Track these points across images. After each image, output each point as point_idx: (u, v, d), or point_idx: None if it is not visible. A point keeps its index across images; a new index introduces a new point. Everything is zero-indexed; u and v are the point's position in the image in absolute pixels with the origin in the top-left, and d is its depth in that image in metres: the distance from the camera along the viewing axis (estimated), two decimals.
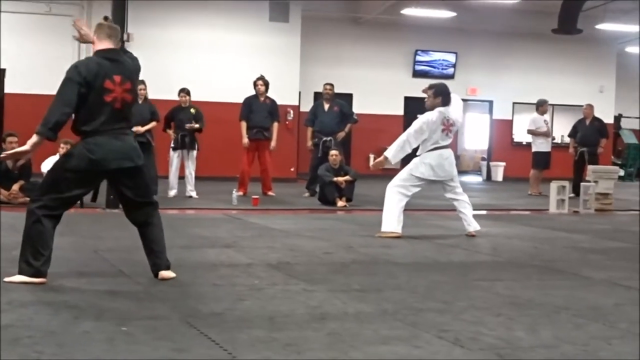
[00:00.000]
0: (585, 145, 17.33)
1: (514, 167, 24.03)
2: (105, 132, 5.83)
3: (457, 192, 9.64)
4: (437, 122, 9.30)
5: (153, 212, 6.19)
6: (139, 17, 19.44)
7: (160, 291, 5.61)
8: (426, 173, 9.40)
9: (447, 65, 24.54)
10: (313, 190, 14.65)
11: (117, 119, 5.89)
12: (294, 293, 5.70)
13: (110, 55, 5.97)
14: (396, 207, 9.32)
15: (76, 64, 5.92)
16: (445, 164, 9.49)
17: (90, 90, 5.76)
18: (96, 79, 5.77)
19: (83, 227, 9.50)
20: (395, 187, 9.42)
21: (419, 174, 9.42)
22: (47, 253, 5.79)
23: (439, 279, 6.49)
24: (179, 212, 12.01)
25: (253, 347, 4.18)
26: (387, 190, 9.50)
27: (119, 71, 5.92)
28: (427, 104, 9.55)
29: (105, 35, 6.05)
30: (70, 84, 5.76)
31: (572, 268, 7.33)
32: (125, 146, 5.96)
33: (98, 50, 5.98)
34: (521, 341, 4.49)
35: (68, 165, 5.89)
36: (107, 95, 5.81)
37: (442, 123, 9.35)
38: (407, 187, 9.41)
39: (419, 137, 9.37)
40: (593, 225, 11.58)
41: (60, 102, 5.76)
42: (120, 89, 5.88)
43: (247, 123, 14.63)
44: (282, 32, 20.79)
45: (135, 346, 4.12)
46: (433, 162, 9.40)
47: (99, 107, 5.81)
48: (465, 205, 9.66)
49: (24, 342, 4.10)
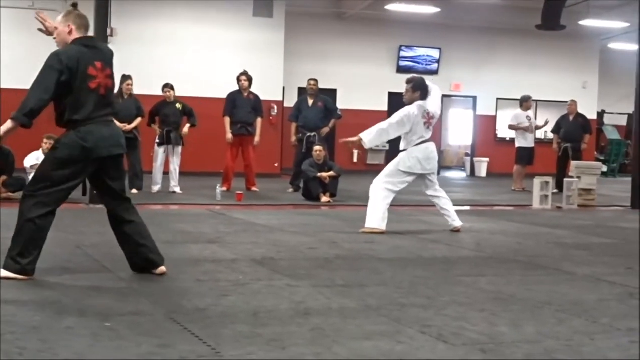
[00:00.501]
0: (568, 141, 17.39)
1: (498, 162, 24.11)
2: (95, 120, 5.80)
3: (437, 189, 9.66)
4: (418, 115, 9.30)
5: (133, 208, 6.16)
6: (123, 11, 19.39)
7: (143, 287, 5.60)
8: (414, 167, 9.39)
9: (431, 61, 24.58)
10: (297, 185, 14.65)
11: (103, 105, 5.86)
12: (278, 288, 5.70)
13: (89, 43, 5.96)
14: (382, 203, 9.32)
15: (57, 52, 5.87)
16: (432, 157, 9.51)
17: (74, 78, 5.72)
18: (79, 66, 5.73)
19: (66, 222, 9.44)
20: (383, 183, 9.40)
21: (407, 168, 9.40)
22: (35, 252, 5.74)
23: (422, 275, 6.50)
24: (163, 207, 11.99)
25: (237, 342, 4.18)
26: (373, 187, 9.45)
27: (98, 57, 5.90)
28: (405, 99, 9.52)
29: (80, 24, 6.00)
30: (50, 71, 5.71)
31: (555, 264, 7.35)
32: (114, 133, 5.96)
33: (76, 39, 5.94)
34: (504, 336, 4.50)
35: (60, 155, 5.80)
36: (91, 82, 5.78)
37: (423, 116, 9.35)
38: (395, 184, 9.41)
39: (399, 129, 9.37)
40: (576, 221, 11.62)
41: (37, 89, 5.72)
42: (103, 75, 5.86)
43: (231, 118, 14.62)
44: (266, 28, 20.79)
45: (119, 342, 4.11)
46: (420, 156, 9.41)
47: (85, 94, 5.77)
48: (447, 202, 9.69)
49: (7, 339, 4.08)
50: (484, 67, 24.90)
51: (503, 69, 24.97)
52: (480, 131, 25.68)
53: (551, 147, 18.08)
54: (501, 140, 25.07)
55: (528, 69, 25.04)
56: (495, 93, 25.23)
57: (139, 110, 13.78)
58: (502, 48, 24.90)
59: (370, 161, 23.75)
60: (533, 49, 24.95)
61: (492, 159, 24.86)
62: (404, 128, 9.37)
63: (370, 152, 23.61)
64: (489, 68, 24.93)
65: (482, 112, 25.54)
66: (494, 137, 25.60)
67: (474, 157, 25.66)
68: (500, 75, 24.98)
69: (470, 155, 26.08)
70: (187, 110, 14.24)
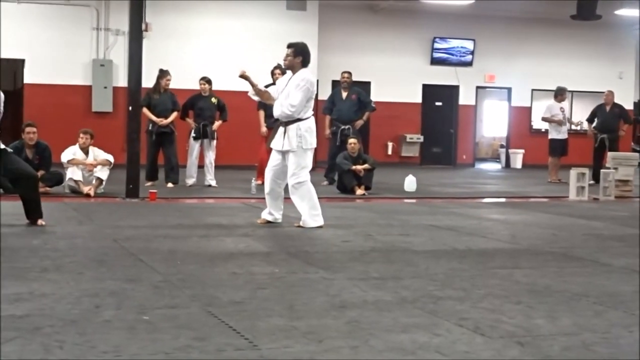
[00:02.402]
0: (605, 132, 17.25)
1: (533, 154, 23.98)
2: None
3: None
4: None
5: None
6: (157, 6, 19.51)
7: (179, 280, 5.63)
8: (314, 142, 8.90)
9: (465, 52, 24.47)
10: (331, 178, 14.65)
11: None
12: (313, 281, 5.71)
13: None
14: (315, 196, 8.83)
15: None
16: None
17: None
18: None
19: (102, 216, 9.55)
20: (305, 180, 8.75)
21: (311, 144, 8.83)
22: None
23: (457, 267, 6.49)
24: (198, 201, 12.04)
25: (273, 335, 4.19)
26: (296, 188, 8.75)
27: None
28: (285, 64, 9.04)
29: None
30: None
31: (591, 255, 7.30)
32: None
33: None
34: (541, 329, 4.48)
35: None
36: None
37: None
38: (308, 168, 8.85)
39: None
40: (612, 212, 11.54)
41: None
42: None
43: (265, 112, 14.64)
44: (299, 20, 20.79)
45: (156, 334, 4.14)
46: (313, 127, 8.89)
47: None
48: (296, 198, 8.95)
49: (45, 332, 4.13)
50: (518, 57, 24.75)
51: (537, 60, 24.80)
52: (515, 122, 25.54)
53: (586, 138, 17.95)
54: (536, 131, 24.91)
55: (563, 60, 24.86)
56: (530, 84, 25.07)
57: (174, 105, 13.97)
58: (536, 38, 24.72)
59: (404, 153, 23.70)
60: (568, 39, 24.78)
61: (527, 150, 24.73)
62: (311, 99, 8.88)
63: (404, 145, 23.57)
64: (524, 59, 24.77)
65: (517, 103, 25.39)
66: (529, 129, 25.45)
67: (509, 149, 25.52)
68: (534, 66, 24.81)
69: (505, 147, 25.95)
70: (221, 105, 14.36)
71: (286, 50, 8.98)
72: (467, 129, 24.85)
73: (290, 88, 8.79)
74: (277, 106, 8.89)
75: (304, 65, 8.95)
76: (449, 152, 24.72)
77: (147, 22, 18.39)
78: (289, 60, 8.95)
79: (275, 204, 8.99)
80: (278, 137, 8.87)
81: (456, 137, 24.62)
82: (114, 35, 19.70)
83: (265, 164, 15.04)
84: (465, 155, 24.96)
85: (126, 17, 13.94)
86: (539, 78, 24.63)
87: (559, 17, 22.77)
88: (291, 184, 8.75)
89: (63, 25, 19.41)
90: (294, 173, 8.71)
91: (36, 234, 7.78)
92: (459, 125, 24.53)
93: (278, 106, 8.87)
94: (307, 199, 8.75)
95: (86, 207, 10.52)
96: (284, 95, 8.82)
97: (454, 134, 24.57)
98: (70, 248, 6.99)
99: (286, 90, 8.83)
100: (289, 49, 8.96)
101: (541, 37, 24.72)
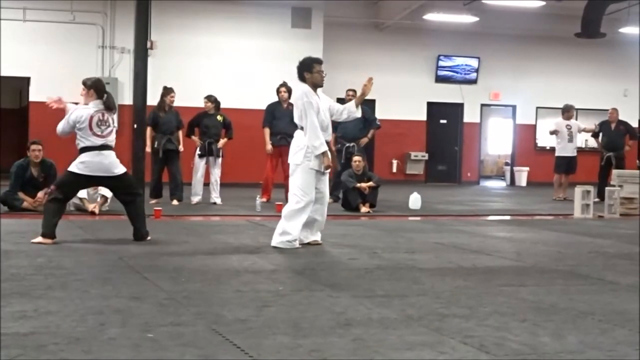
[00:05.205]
0: (610, 150, 17.25)
1: (538, 172, 23.98)
2: None
3: None
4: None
5: None
6: (162, 24, 19.58)
7: (184, 297, 5.63)
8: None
9: (469, 70, 24.51)
10: (336, 196, 14.64)
11: None
12: (319, 299, 5.70)
13: None
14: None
15: None
16: None
17: None
18: None
19: (107, 233, 9.55)
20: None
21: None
22: None
23: (463, 285, 6.48)
24: (203, 218, 12.05)
25: (278, 353, 4.19)
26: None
27: None
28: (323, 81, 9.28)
29: None
30: None
31: (597, 273, 7.28)
32: None
33: None
34: (546, 347, 4.46)
35: None
36: None
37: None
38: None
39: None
40: (618, 230, 11.51)
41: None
42: None
43: (271, 129, 14.68)
44: (304, 38, 20.84)
45: (161, 352, 4.13)
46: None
47: None
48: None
49: (50, 349, 4.12)
50: (523, 75, 24.78)
51: (542, 77, 24.84)
52: (520, 140, 25.54)
53: (592, 155, 17.95)
54: (541, 149, 24.92)
55: (567, 77, 24.90)
56: (535, 102, 25.10)
57: (179, 123, 14.06)
58: (541, 56, 24.76)
59: (409, 171, 23.71)
60: (572, 57, 24.81)
61: (532, 168, 24.73)
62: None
63: (409, 162, 23.59)
64: (528, 76, 24.80)
65: (522, 121, 25.40)
66: (534, 146, 25.45)
67: (513, 166, 25.52)
68: (539, 83, 24.85)
69: (510, 165, 25.95)
70: (227, 122, 14.41)
71: (322, 66, 9.27)
72: (472, 146, 24.85)
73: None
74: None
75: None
76: (454, 169, 24.73)
77: (152, 40, 18.44)
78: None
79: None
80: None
81: (461, 154, 24.64)
82: (119, 53, 19.77)
83: (270, 181, 15.15)
84: (470, 172, 24.95)
85: (131, 35, 13.98)
86: (544, 96, 24.66)
87: (564, 35, 22.81)
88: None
89: (68, 44, 19.50)
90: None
91: (41, 251, 7.79)
92: (464, 142, 24.54)
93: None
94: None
95: (91, 225, 10.53)
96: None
97: (458, 152, 24.58)
98: (76, 265, 6.99)
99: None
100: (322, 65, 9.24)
101: (546, 55, 24.74)
